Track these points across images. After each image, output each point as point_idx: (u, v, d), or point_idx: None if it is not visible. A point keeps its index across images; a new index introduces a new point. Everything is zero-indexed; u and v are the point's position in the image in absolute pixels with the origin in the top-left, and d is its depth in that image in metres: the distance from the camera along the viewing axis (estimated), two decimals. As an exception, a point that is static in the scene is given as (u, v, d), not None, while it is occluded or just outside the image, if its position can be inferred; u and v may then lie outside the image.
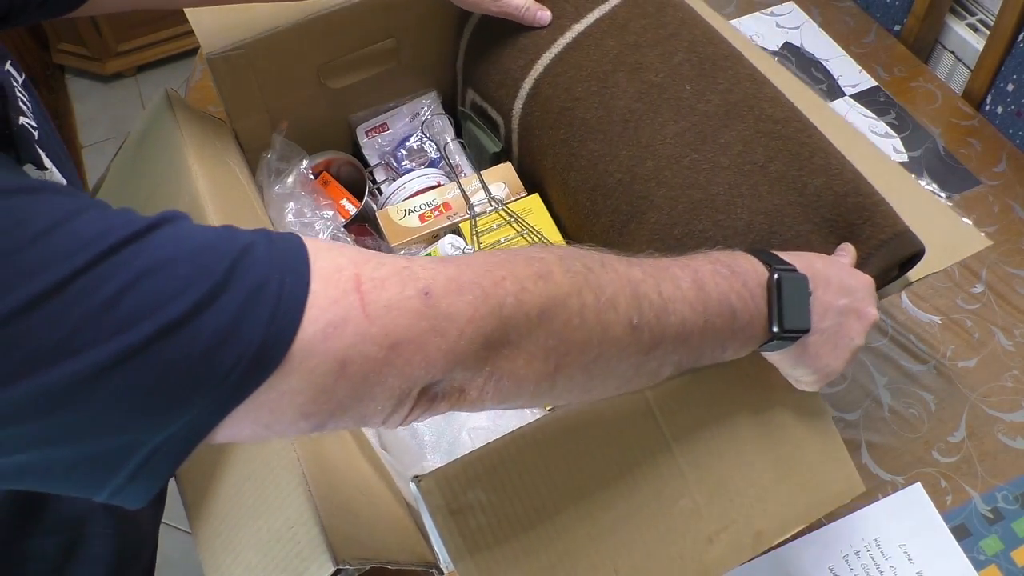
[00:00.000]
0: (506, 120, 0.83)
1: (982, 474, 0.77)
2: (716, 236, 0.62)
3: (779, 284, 0.47)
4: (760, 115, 0.64)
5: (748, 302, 0.46)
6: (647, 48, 0.71)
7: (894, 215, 0.59)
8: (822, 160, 0.61)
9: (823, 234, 0.60)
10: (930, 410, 0.82)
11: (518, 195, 0.83)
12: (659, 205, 0.66)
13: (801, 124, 0.63)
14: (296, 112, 0.84)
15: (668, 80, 0.69)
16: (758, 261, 0.49)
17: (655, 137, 0.68)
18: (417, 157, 0.90)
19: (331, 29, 0.79)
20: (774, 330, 0.47)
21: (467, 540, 0.45)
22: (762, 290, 0.47)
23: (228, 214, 0.65)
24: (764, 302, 0.47)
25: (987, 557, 0.73)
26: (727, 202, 0.62)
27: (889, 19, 1.19)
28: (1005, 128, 1.05)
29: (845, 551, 0.73)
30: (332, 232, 0.77)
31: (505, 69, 0.82)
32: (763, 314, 0.47)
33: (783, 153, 0.62)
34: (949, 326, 0.88)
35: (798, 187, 0.61)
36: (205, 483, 0.53)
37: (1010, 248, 0.93)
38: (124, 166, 0.76)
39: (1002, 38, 1.02)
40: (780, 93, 0.66)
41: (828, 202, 0.60)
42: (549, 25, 0.79)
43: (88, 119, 2.20)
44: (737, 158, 0.63)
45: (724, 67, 0.68)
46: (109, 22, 2.09)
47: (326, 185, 0.87)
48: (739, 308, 0.46)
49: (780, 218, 0.61)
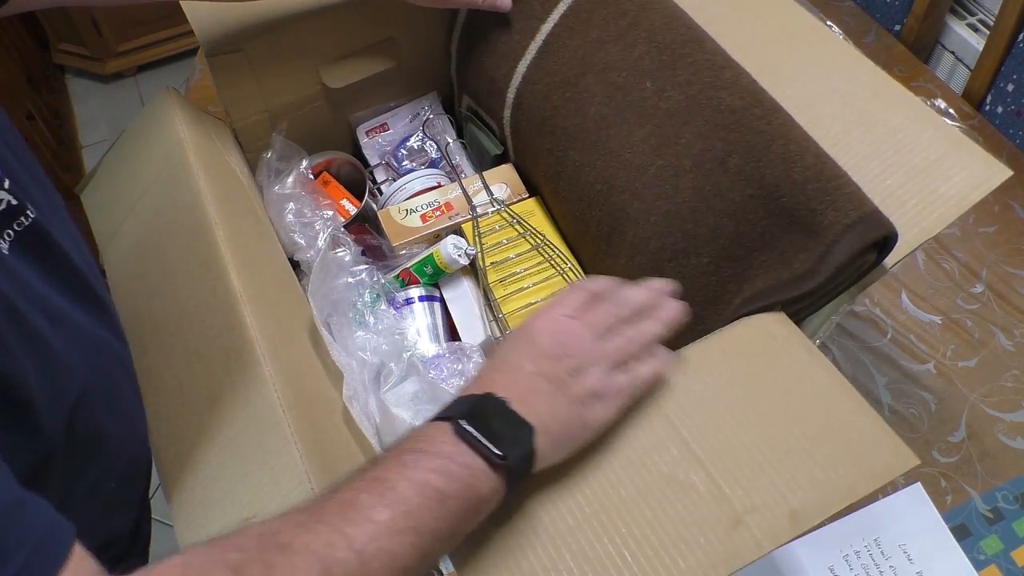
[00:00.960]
0: (499, 126, 0.84)
1: (982, 474, 0.77)
2: (688, 247, 0.61)
3: (466, 432, 0.42)
4: (718, 106, 0.62)
5: (456, 470, 0.41)
6: (610, 44, 0.70)
7: (860, 197, 0.55)
8: (781, 148, 0.58)
9: (785, 226, 0.57)
10: (930, 410, 0.82)
11: (520, 196, 0.83)
12: (634, 218, 0.66)
13: (761, 110, 0.60)
14: (296, 112, 0.84)
15: (631, 79, 0.68)
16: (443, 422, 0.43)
17: (624, 145, 0.67)
18: (418, 157, 0.89)
19: (331, 29, 0.79)
20: (506, 463, 0.42)
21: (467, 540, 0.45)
22: (463, 445, 0.42)
23: (228, 214, 0.65)
24: (476, 456, 0.42)
25: (987, 557, 0.73)
26: (692, 208, 0.61)
27: (889, 19, 1.19)
28: (1005, 128, 1.05)
29: (845, 551, 0.73)
30: (332, 232, 0.77)
31: (490, 78, 0.82)
32: (482, 466, 0.41)
33: (741, 145, 0.60)
34: (949, 326, 0.88)
35: (756, 179, 0.58)
36: (194, 486, 0.53)
37: (1010, 248, 0.93)
38: (119, 163, 0.76)
39: (1002, 38, 1.02)
40: (741, 76, 0.63)
41: (787, 191, 0.57)
42: (521, 29, 0.78)
43: (88, 119, 2.20)
44: (698, 158, 0.62)
45: (683, 55, 0.66)
46: (109, 22, 2.09)
47: (326, 185, 0.87)
48: (446, 486, 0.40)
49: (744, 215, 0.59)
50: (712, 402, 0.51)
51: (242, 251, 0.63)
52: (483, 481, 0.41)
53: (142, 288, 0.67)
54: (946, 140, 0.59)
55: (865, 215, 0.54)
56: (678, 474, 0.48)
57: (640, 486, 0.47)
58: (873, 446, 0.49)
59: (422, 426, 0.44)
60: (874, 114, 0.62)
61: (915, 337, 0.87)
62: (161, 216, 0.68)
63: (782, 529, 0.46)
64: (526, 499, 0.47)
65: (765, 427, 0.50)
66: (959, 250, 0.94)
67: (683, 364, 0.53)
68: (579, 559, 0.45)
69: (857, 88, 0.64)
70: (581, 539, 0.45)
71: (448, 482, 0.40)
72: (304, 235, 0.78)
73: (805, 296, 0.57)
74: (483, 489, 0.41)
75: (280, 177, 0.80)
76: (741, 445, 0.49)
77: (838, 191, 0.55)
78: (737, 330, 0.57)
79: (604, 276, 0.55)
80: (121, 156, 0.76)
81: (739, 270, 0.59)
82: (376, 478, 0.40)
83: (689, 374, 0.53)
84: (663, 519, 0.46)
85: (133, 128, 0.76)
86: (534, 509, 0.47)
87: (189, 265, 0.64)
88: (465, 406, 0.44)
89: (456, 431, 0.42)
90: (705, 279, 0.61)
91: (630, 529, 0.46)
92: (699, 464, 0.48)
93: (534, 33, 0.77)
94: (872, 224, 0.54)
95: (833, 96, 0.63)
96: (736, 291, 0.59)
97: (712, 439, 0.49)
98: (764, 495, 0.47)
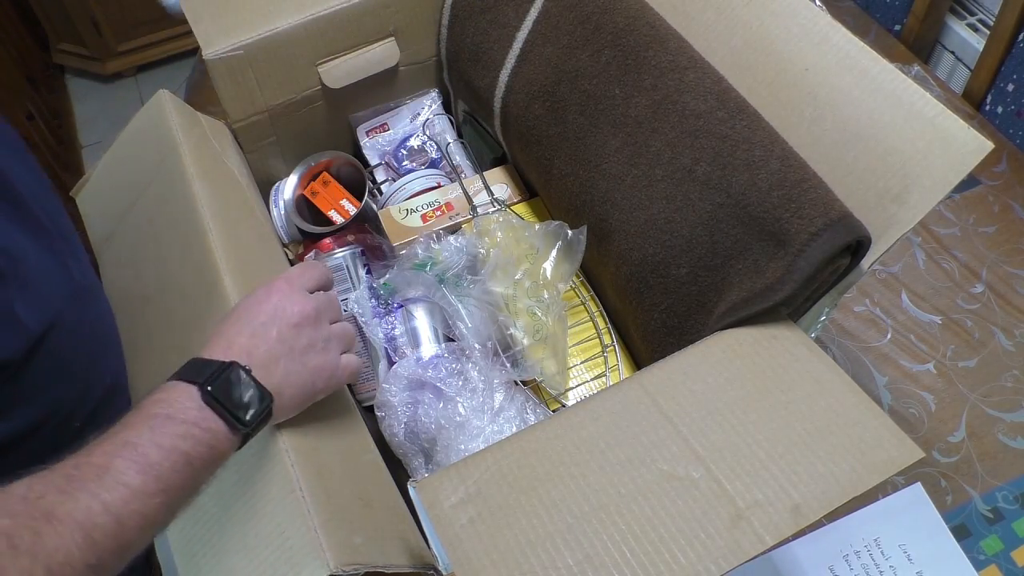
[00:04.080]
0: (493, 132, 0.84)
1: (982, 474, 0.77)
2: (667, 258, 0.61)
3: (212, 401, 0.46)
4: (683, 111, 0.61)
5: (200, 435, 0.45)
6: (578, 50, 0.70)
7: (828, 202, 0.53)
8: (745, 153, 0.57)
9: (755, 234, 0.56)
10: (930, 410, 0.82)
11: (520, 197, 0.83)
12: (616, 228, 0.65)
13: (725, 112, 0.59)
14: (296, 112, 0.84)
15: (600, 86, 0.67)
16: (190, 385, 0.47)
17: (600, 154, 0.67)
18: (418, 157, 0.89)
19: (331, 29, 0.79)
20: (244, 430, 0.47)
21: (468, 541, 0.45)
22: (208, 411, 0.46)
23: (224, 218, 0.65)
24: (220, 421, 0.46)
25: (987, 557, 0.73)
26: (667, 219, 0.61)
27: (889, 19, 1.19)
28: (1005, 128, 1.05)
29: (845, 551, 0.73)
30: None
31: (475, 88, 0.82)
32: (224, 430, 0.46)
33: (707, 152, 0.59)
34: (949, 326, 0.88)
35: (724, 187, 0.57)
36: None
37: (1010, 248, 0.93)
38: (114, 167, 0.75)
39: (1002, 38, 1.02)
40: (705, 76, 0.61)
41: (754, 200, 0.55)
42: (498, 37, 0.77)
43: (88, 119, 2.20)
44: (668, 166, 0.61)
45: (646, 59, 0.65)
46: (109, 22, 2.09)
47: (326, 185, 0.87)
48: (192, 449, 0.44)
49: (716, 225, 0.58)
50: (712, 400, 0.51)
51: (237, 256, 0.63)
52: (223, 442, 0.46)
53: (137, 294, 0.67)
54: (923, 116, 0.55)
55: (831, 222, 0.52)
56: (677, 471, 0.48)
57: (639, 483, 0.47)
58: (876, 440, 0.49)
59: (168, 385, 0.47)
60: (846, 91, 0.58)
61: (915, 337, 0.87)
62: (155, 222, 0.68)
63: (784, 523, 0.46)
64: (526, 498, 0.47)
65: (766, 423, 0.50)
66: (959, 250, 0.94)
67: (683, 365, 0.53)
68: (578, 556, 0.45)
69: (828, 63, 0.59)
70: (580, 536, 0.45)
71: (194, 445, 0.44)
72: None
73: (781, 305, 0.55)
74: (223, 447, 0.46)
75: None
76: (742, 441, 0.49)
77: (803, 197, 0.53)
78: (736, 331, 0.57)
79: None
80: (116, 160, 0.76)
81: (718, 279, 0.58)
82: (127, 442, 0.43)
83: (688, 374, 0.53)
84: (663, 515, 0.46)
85: (127, 132, 0.75)
86: (533, 507, 0.47)
87: (183, 271, 0.64)
88: (210, 370, 0.47)
89: (203, 397, 0.46)
90: (686, 289, 0.60)
91: (629, 526, 0.46)
92: (699, 460, 0.48)
93: (511, 41, 0.76)
94: (840, 230, 0.52)
95: (805, 75, 0.60)
96: (717, 300, 0.58)
97: (712, 436, 0.49)
98: (765, 490, 0.47)
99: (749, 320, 0.57)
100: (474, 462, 0.49)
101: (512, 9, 0.77)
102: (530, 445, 0.50)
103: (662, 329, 0.63)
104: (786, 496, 0.46)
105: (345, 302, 0.75)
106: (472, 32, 0.80)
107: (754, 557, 0.44)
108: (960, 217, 0.97)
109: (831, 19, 0.60)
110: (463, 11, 0.82)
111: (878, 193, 0.55)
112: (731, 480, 0.47)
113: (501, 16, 0.77)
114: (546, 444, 0.50)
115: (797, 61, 0.60)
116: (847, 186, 0.55)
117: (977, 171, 1.00)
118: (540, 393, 0.70)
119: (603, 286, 0.73)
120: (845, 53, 0.58)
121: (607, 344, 0.72)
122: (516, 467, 0.48)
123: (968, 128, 0.53)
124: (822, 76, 0.59)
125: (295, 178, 0.86)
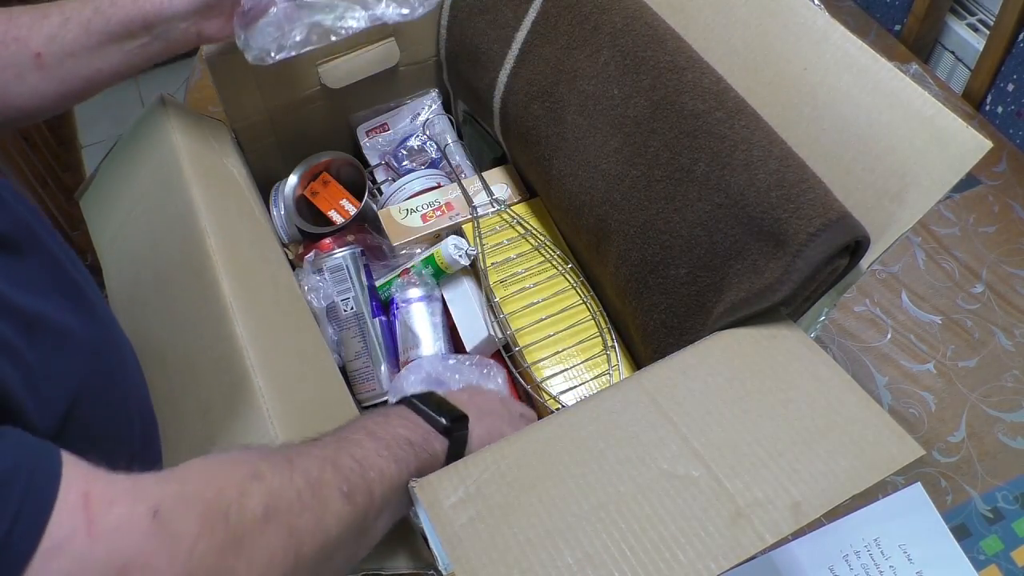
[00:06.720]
0: (492, 132, 0.84)
1: (982, 474, 0.77)
2: (666, 259, 0.61)
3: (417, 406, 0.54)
4: (681, 111, 0.61)
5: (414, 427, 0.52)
6: (576, 50, 0.70)
7: (826, 203, 0.53)
8: (744, 153, 0.56)
9: (754, 235, 0.56)
10: (930, 410, 0.82)
11: (520, 197, 0.83)
12: (616, 229, 0.65)
13: (724, 112, 0.59)
14: (296, 112, 0.84)
15: (599, 87, 0.67)
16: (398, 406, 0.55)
17: (600, 155, 0.67)
18: (418, 157, 0.90)
19: (331, 29, 0.79)
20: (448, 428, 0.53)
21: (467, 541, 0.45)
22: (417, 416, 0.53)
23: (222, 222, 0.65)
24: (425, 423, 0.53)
25: (987, 557, 0.72)
26: (666, 220, 0.61)
27: (889, 19, 1.19)
28: (1005, 128, 1.05)
29: (845, 551, 0.73)
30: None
31: (475, 88, 0.82)
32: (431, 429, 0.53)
33: (705, 152, 0.59)
34: (949, 326, 0.88)
35: (723, 188, 0.57)
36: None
37: (1010, 248, 0.93)
38: (115, 170, 0.75)
39: (1002, 38, 1.02)
40: (703, 76, 0.61)
41: (752, 200, 0.55)
42: (497, 38, 0.77)
43: (88, 119, 2.20)
44: (667, 167, 0.61)
45: (645, 59, 0.65)
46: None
47: (326, 185, 0.87)
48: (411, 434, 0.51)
49: (715, 225, 0.58)
50: (711, 399, 0.51)
51: (236, 259, 0.63)
52: (432, 441, 0.52)
53: (138, 298, 0.67)
54: (921, 115, 0.55)
55: (830, 222, 0.52)
56: (677, 470, 0.48)
57: (639, 482, 0.47)
58: (876, 438, 0.49)
59: (377, 410, 0.54)
60: (844, 90, 0.58)
61: (915, 337, 0.87)
62: (154, 226, 0.68)
63: (784, 521, 0.45)
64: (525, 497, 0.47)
65: (766, 422, 0.49)
66: (959, 250, 0.94)
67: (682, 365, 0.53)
68: (578, 555, 0.45)
69: (827, 63, 0.59)
70: (580, 535, 0.45)
71: (412, 433, 0.51)
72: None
73: (780, 305, 0.55)
74: (436, 446, 0.52)
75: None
76: (741, 440, 0.49)
77: (801, 197, 0.53)
78: (736, 331, 0.57)
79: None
80: (116, 163, 0.75)
81: (717, 279, 0.58)
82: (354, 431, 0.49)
83: (688, 374, 0.52)
84: (662, 514, 0.46)
85: (127, 136, 0.75)
86: (533, 506, 0.47)
87: (182, 275, 0.64)
88: (417, 396, 0.55)
89: (409, 405, 0.54)
90: (685, 289, 0.60)
91: (629, 524, 0.46)
92: (698, 459, 0.48)
93: (509, 42, 0.76)
94: (838, 230, 0.52)
95: (804, 74, 0.60)
96: (716, 300, 0.58)
97: (711, 435, 0.49)
98: (765, 488, 0.47)
99: (748, 320, 0.57)
100: (474, 462, 0.49)
101: (511, 10, 0.77)
102: (530, 445, 0.50)
103: (662, 329, 0.63)
104: (786, 494, 0.46)
105: (345, 302, 0.75)
106: (471, 32, 0.80)
107: (754, 555, 0.44)
108: (960, 217, 0.97)
109: (830, 18, 0.60)
110: (462, 11, 0.82)
111: (877, 193, 0.55)
112: (731, 479, 0.47)
113: (500, 17, 0.77)
114: (546, 444, 0.50)
115: (796, 61, 0.60)
116: (846, 186, 0.55)
117: (977, 171, 1.00)
118: (540, 393, 0.70)
119: (603, 286, 0.73)
120: (844, 52, 0.58)
121: (609, 344, 0.72)
122: (516, 466, 0.48)
123: (967, 127, 0.52)
124: (821, 75, 0.58)
125: (295, 178, 0.86)
